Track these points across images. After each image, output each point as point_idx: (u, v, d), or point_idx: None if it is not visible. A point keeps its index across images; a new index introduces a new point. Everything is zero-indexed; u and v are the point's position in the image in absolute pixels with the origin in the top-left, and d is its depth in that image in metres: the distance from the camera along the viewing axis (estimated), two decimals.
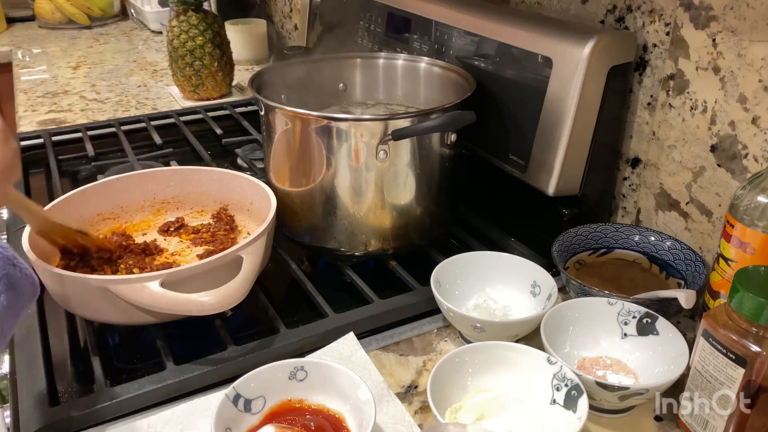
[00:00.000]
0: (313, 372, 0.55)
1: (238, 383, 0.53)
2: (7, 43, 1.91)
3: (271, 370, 0.55)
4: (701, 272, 0.67)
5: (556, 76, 0.71)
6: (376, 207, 0.73)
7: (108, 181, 0.80)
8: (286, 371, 0.55)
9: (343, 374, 0.54)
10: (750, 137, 0.63)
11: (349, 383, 0.54)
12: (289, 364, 0.56)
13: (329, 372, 0.55)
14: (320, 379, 0.55)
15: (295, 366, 0.55)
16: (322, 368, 0.55)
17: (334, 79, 0.91)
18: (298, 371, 0.55)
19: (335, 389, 0.55)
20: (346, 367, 0.54)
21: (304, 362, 0.56)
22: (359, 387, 0.53)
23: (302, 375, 0.55)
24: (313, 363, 0.56)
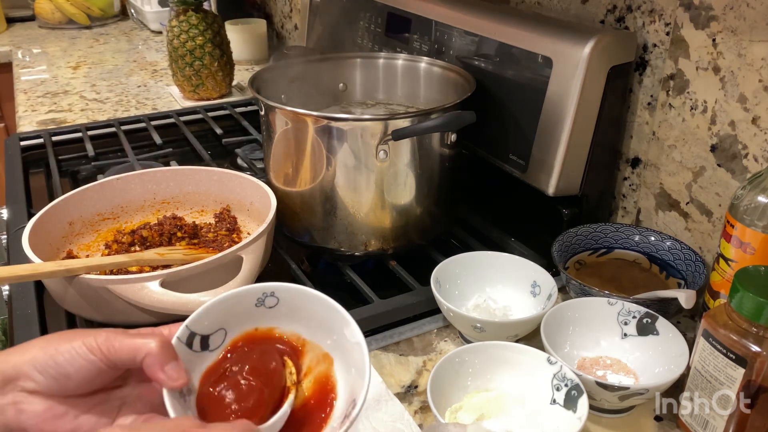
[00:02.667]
0: (286, 299, 0.46)
1: (190, 320, 0.44)
2: (7, 43, 1.91)
3: (231, 298, 0.45)
4: (701, 272, 0.67)
5: (556, 76, 0.71)
6: (376, 207, 0.73)
7: (108, 181, 0.80)
8: (251, 298, 0.46)
9: (326, 305, 0.45)
10: (750, 137, 0.63)
11: (333, 316, 0.44)
12: (256, 289, 0.46)
13: (307, 299, 0.45)
14: (296, 307, 0.46)
15: (263, 291, 0.45)
16: (298, 295, 0.45)
17: (334, 79, 0.91)
18: (267, 297, 0.46)
19: (315, 320, 0.46)
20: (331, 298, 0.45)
21: (275, 287, 0.46)
22: (347, 324, 0.44)
23: (272, 302, 0.46)
24: (287, 288, 0.46)
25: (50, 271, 0.59)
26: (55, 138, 1.15)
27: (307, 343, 0.46)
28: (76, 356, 0.39)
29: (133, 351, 0.40)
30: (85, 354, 0.39)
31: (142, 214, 0.82)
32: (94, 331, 0.40)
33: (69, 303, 0.64)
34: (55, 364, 0.39)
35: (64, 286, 0.61)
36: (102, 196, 0.79)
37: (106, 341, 0.40)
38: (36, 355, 0.39)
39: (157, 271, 0.62)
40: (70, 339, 0.40)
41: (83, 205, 0.77)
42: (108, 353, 0.40)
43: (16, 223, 0.86)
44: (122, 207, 0.81)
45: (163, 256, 0.69)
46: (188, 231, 0.77)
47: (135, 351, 0.40)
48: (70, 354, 0.39)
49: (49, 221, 0.72)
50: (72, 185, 1.03)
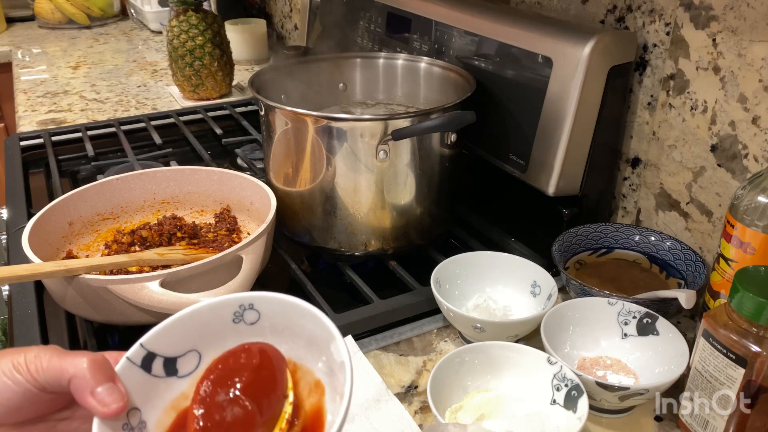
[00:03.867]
0: (268, 312, 0.39)
1: (146, 337, 0.37)
2: (7, 43, 1.91)
3: (200, 312, 0.38)
4: (701, 272, 0.67)
5: (556, 76, 0.71)
6: (376, 207, 0.73)
7: (108, 181, 0.80)
8: (227, 312, 0.39)
9: (310, 316, 0.37)
10: (750, 137, 0.63)
11: (319, 330, 0.37)
12: (230, 301, 0.39)
13: (291, 312, 0.38)
14: (279, 322, 0.39)
15: (240, 304, 0.39)
16: (280, 307, 0.39)
17: (334, 79, 0.91)
18: (246, 311, 0.39)
19: (303, 337, 0.38)
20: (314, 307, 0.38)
21: (253, 297, 0.39)
22: (332, 340, 0.36)
23: (252, 316, 0.39)
24: (268, 298, 0.39)
25: (50, 271, 0.59)
26: (55, 138, 1.15)
27: (299, 368, 0.39)
28: (1, 375, 0.34)
29: (59, 371, 0.34)
30: (10, 372, 0.34)
31: (142, 214, 0.82)
32: (27, 349, 0.35)
33: (69, 303, 0.64)
34: None
35: (64, 286, 0.61)
36: (102, 196, 0.79)
37: (35, 359, 0.35)
38: None
39: (157, 271, 0.62)
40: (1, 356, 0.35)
41: (83, 205, 0.77)
42: (35, 372, 0.34)
43: (16, 223, 0.86)
44: (122, 207, 0.81)
45: (163, 256, 0.69)
46: (188, 231, 0.77)
47: (61, 371, 0.34)
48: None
49: (49, 221, 0.72)
50: (72, 185, 1.03)
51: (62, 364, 0.34)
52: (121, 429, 0.34)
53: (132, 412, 0.35)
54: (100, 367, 0.35)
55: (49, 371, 0.34)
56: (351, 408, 0.36)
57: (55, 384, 0.34)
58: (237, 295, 0.39)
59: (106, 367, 0.35)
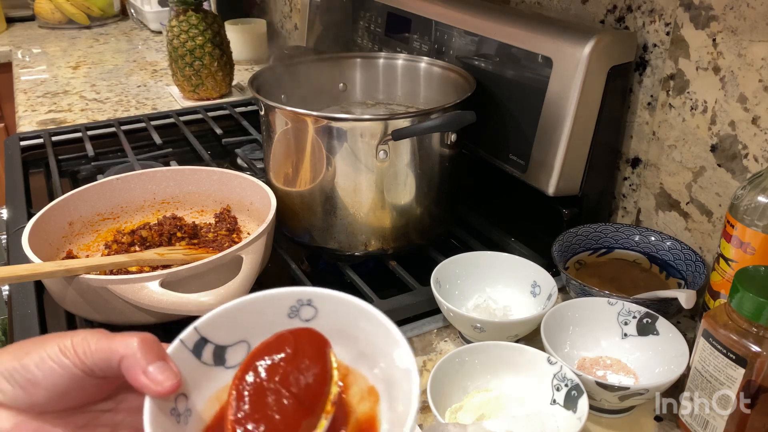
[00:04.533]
0: (326, 310, 0.37)
1: (202, 322, 0.35)
2: (7, 43, 1.91)
3: (257, 302, 0.36)
4: (701, 272, 0.67)
5: (556, 76, 0.71)
6: (376, 207, 0.73)
7: (108, 181, 0.80)
8: (283, 306, 0.37)
9: (373, 320, 0.35)
10: (750, 137, 0.63)
11: (382, 335, 0.35)
12: (288, 294, 0.37)
13: (351, 313, 0.36)
14: (337, 322, 0.36)
15: (298, 299, 0.36)
16: (341, 306, 0.36)
17: (334, 79, 0.91)
18: (303, 306, 0.37)
19: (361, 340, 0.36)
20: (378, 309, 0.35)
21: (312, 294, 0.37)
22: (396, 345, 0.34)
23: (309, 313, 0.37)
24: (328, 296, 0.37)
25: (50, 271, 0.59)
26: (55, 138, 1.15)
27: (351, 372, 0.36)
28: (47, 359, 0.33)
29: (108, 352, 0.33)
30: (57, 356, 0.33)
31: (142, 214, 0.82)
32: (72, 332, 0.34)
33: (69, 303, 0.64)
34: (23, 369, 0.33)
35: (64, 286, 0.61)
36: (102, 196, 0.79)
37: (81, 341, 0.33)
38: (3, 361, 0.33)
39: (157, 271, 0.62)
40: (44, 341, 0.34)
41: (83, 205, 0.77)
42: (83, 355, 0.33)
43: (16, 223, 0.86)
44: (122, 207, 0.81)
45: (163, 256, 0.69)
46: (188, 231, 0.77)
47: (111, 351, 0.33)
48: (39, 356, 0.33)
49: (49, 221, 0.72)
50: (72, 185, 1.03)
51: (111, 345, 0.33)
52: (169, 413, 0.33)
53: (180, 398, 0.34)
54: (151, 346, 0.33)
55: (98, 353, 0.33)
56: None
57: (105, 366, 0.33)
58: (296, 289, 0.37)
59: (157, 346, 0.34)
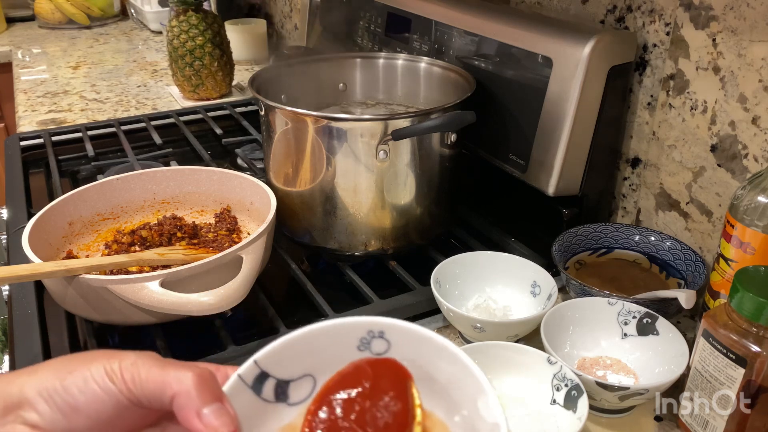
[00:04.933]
0: (400, 344, 0.32)
1: (262, 354, 0.32)
2: (7, 43, 1.91)
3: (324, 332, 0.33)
4: (701, 272, 0.67)
5: (556, 76, 0.71)
6: (376, 207, 0.73)
7: (108, 181, 0.80)
8: (352, 337, 0.33)
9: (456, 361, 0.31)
10: (750, 137, 0.63)
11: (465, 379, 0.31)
12: (359, 324, 0.33)
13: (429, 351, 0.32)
14: (412, 358, 0.32)
15: (369, 330, 0.33)
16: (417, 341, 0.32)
17: (334, 79, 0.91)
18: (375, 339, 0.33)
19: (439, 381, 0.32)
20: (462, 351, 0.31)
21: (385, 325, 0.32)
22: (481, 394, 0.30)
23: (381, 346, 0.33)
24: (403, 329, 0.32)
25: (50, 271, 0.59)
26: (55, 138, 1.15)
27: (428, 416, 0.32)
28: (90, 382, 0.30)
29: (161, 384, 0.30)
30: (102, 380, 0.30)
31: (142, 214, 0.82)
32: (122, 354, 0.31)
33: (69, 303, 0.64)
34: (64, 391, 0.30)
35: (64, 286, 0.61)
36: (102, 196, 0.79)
37: (131, 367, 0.30)
38: (45, 378, 0.30)
39: (157, 271, 0.62)
40: (89, 360, 0.31)
41: (83, 205, 0.77)
42: (131, 383, 0.30)
43: (16, 223, 0.86)
44: (122, 207, 0.81)
45: (163, 256, 0.69)
46: (188, 231, 0.77)
47: (163, 385, 0.30)
48: (83, 378, 0.30)
49: (49, 221, 0.72)
50: (72, 185, 1.03)
51: (164, 378, 0.30)
52: None
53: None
54: (207, 385, 0.30)
55: (149, 384, 0.30)
56: None
57: (154, 399, 0.30)
58: (367, 319, 0.33)
59: (214, 384, 0.31)
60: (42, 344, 0.64)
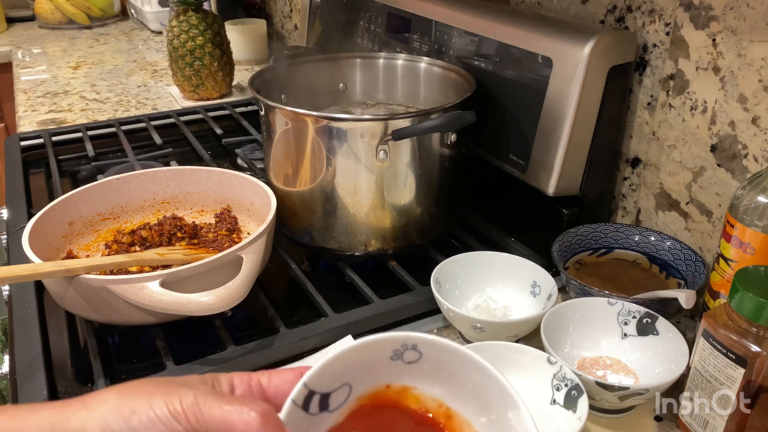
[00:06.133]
0: (431, 356, 0.35)
1: (311, 376, 0.34)
2: (7, 43, 1.91)
3: (362, 349, 0.35)
4: (701, 272, 0.67)
5: (556, 76, 0.71)
6: (376, 207, 0.73)
7: (108, 181, 0.80)
8: (386, 349, 0.36)
9: (486, 375, 0.34)
10: (750, 137, 0.63)
11: (495, 391, 0.33)
12: (393, 339, 0.35)
13: (461, 363, 0.35)
14: (444, 369, 0.36)
15: (403, 343, 0.35)
16: (448, 355, 0.35)
17: (334, 79, 0.91)
18: (407, 351, 0.35)
19: (467, 388, 0.35)
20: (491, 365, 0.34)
21: (418, 339, 0.35)
22: (515, 407, 0.33)
23: (413, 356, 0.36)
24: (435, 343, 0.35)
25: (50, 271, 0.59)
26: (55, 138, 1.15)
27: (454, 415, 0.35)
28: (156, 422, 0.31)
29: (225, 425, 0.31)
30: (167, 419, 0.31)
31: (142, 214, 0.82)
32: (180, 390, 0.32)
33: (69, 303, 0.64)
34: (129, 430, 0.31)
35: (64, 286, 0.61)
36: (102, 196, 0.79)
37: (193, 406, 0.31)
38: (107, 416, 0.31)
39: (157, 271, 0.62)
40: (149, 395, 0.31)
41: (83, 205, 0.77)
42: (195, 423, 0.31)
43: (16, 223, 0.86)
44: (122, 207, 0.81)
45: (163, 256, 0.69)
46: (188, 231, 0.78)
47: (228, 425, 0.31)
48: (148, 418, 0.31)
49: (49, 221, 0.72)
50: (72, 185, 1.03)
51: (228, 417, 0.31)
52: None
53: None
54: (271, 421, 0.31)
55: (213, 423, 0.31)
56: None
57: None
58: (401, 334, 0.35)
59: (275, 419, 0.32)
60: (42, 344, 0.64)
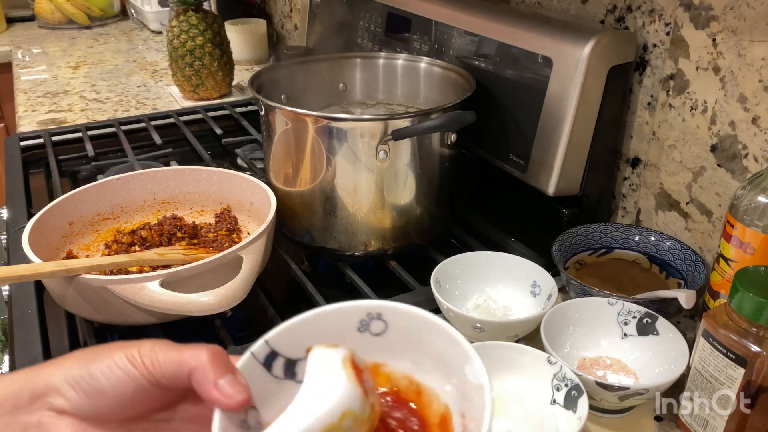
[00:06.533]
0: (396, 324, 0.36)
1: (271, 334, 0.35)
2: (7, 43, 1.91)
3: (326, 316, 0.36)
4: (701, 272, 0.67)
5: (556, 76, 0.71)
6: (376, 207, 0.73)
7: (108, 181, 0.80)
8: (352, 319, 0.36)
9: (442, 334, 0.34)
10: (750, 137, 0.63)
11: (453, 350, 0.34)
12: (358, 308, 0.36)
13: (421, 327, 0.35)
14: (407, 336, 0.36)
15: (368, 312, 0.36)
16: (411, 320, 0.36)
17: (334, 79, 0.91)
18: (373, 320, 0.36)
19: (430, 355, 0.35)
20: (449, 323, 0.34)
21: (382, 307, 0.36)
22: (468, 360, 0.33)
23: (379, 327, 0.36)
24: (398, 310, 0.36)
25: (50, 271, 0.59)
26: (55, 138, 1.15)
27: (423, 391, 0.36)
28: (114, 368, 0.33)
29: (178, 364, 0.33)
30: (125, 366, 0.33)
31: (142, 214, 0.82)
32: (139, 342, 0.34)
33: (69, 303, 0.64)
34: (90, 377, 0.33)
35: (64, 286, 0.61)
36: (102, 196, 0.79)
37: (149, 352, 0.34)
38: (70, 367, 0.34)
39: (157, 271, 0.62)
40: (110, 350, 0.34)
41: (83, 205, 0.77)
42: (150, 366, 0.33)
43: (16, 223, 0.86)
44: (122, 207, 0.81)
45: (163, 256, 0.69)
46: (188, 231, 0.77)
47: (180, 364, 0.33)
48: (107, 365, 0.33)
49: (49, 221, 0.72)
50: (72, 185, 1.03)
51: (181, 357, 0.33)
52: (239, 426, 0.33)
53: (250, 411, 0.34)
54: (221, 359, 0.34)
55: (167, 364, 0.33)
56: None
57: (173, 377, 0.33)
58: (365, 303, 0.36)
59: (226, 359, 0.34)
60: (42, 344, 0.64)
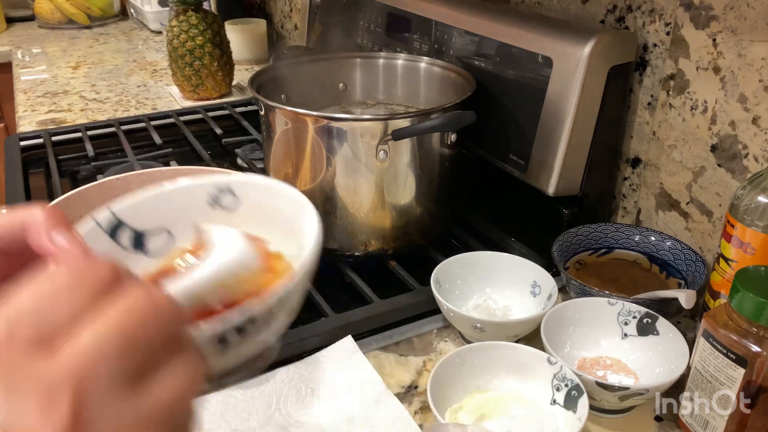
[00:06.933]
0: (246, 196, 0.38)
1: (119, 207, 0.35)
2: (7, 43, 1.91)
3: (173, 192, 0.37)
4: (701, 272, 0.67)
5: (556, 76, 0.71)
6: (376, 207, 0.73)
7: (108, 181, 0.80)
8: (201, 194, 0.37)
9: (287, 197, 0.37)
10: (750, 137, 0.63)
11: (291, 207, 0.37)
12: (205, 184, 0.37)
13: (271, 195, 0.37)
14: (259, 208, 0.38)
15: (217, 186, 0.37)
16: (259, 190, 0.38)
17: (334, 79, 0.91)
18: (223, 194, 0.37)
19: (281, 222, 0.37)
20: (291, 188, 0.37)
21: (230, 180, 0.38)
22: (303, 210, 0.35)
23: (229, 200, 0.37)
24: (246, 181, 0.38)
25: None
26: (55, 138, 1.15)
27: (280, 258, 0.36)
28: None
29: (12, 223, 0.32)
30: None
31: None
32: None
33: None
34: None
35: None
36: (102, 196, 0.79)
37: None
38: None
39: None
40: None
41: (83, 205, 0.77)
42: None
43: None
44: None
45: None
46: None
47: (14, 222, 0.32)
48: None
49: None
50: (72, 185, 1.03)
51: (15, 216, 0.32)
52: None
53: None
54: (58, 216, 0.32)
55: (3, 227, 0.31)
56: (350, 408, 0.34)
57: (10, 239, 0.31)
58: (213, 178, 0.37)
59: (65, 219, 0.32)
60: None
